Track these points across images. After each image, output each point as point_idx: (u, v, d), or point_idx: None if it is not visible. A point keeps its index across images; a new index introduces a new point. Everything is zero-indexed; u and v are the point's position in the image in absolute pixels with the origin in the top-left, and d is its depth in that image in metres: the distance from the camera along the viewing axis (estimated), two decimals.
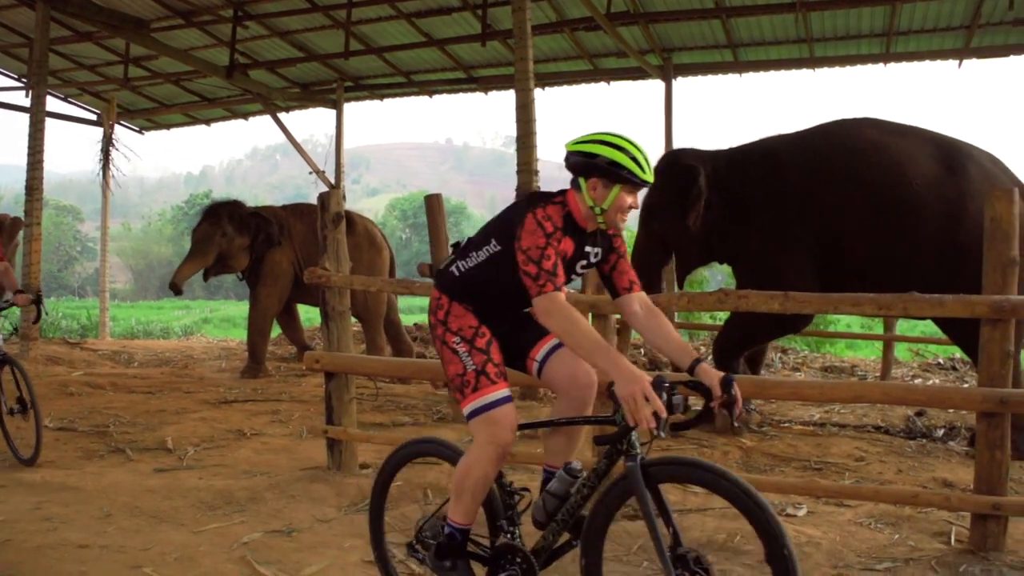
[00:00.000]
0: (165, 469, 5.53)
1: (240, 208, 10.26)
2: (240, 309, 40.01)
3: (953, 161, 6.38)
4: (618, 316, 5.64)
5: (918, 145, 6.51)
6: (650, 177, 2.92)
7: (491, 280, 3.11)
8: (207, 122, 18.73)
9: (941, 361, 11.58)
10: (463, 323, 3.11)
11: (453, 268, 3.20)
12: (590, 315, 5.10)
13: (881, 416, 7.64)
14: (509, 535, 3.11)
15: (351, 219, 10.08)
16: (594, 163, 2.89)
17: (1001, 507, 3.93)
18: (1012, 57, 13.49)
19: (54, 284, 49.34)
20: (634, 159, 2.87)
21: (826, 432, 7.00)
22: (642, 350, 11.41)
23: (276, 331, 14.67)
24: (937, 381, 10.06)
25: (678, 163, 7.12)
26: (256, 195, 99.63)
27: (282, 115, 17.13)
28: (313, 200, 6.85)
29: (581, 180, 2.95)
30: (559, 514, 3.00)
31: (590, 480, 2.97)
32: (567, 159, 2.98)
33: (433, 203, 6.98)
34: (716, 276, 18.27)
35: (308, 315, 13.08)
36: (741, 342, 6.94)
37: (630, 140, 2.92)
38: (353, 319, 10.46)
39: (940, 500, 4.26)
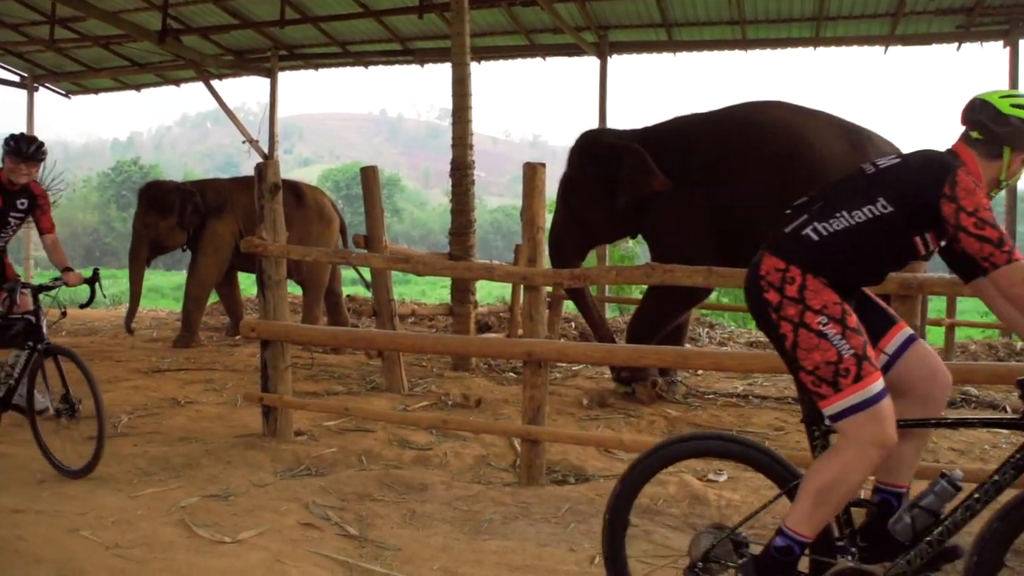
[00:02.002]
0: None
1: (157, 188, 10.16)
2: (168, 279, 39.40)
3: (858, 142, 6.66)
4: (549, 289, 5.81)
5: (824, 125, 6.78)
6: None
7: (865, 247, 2.64)
8: (137, 88, 18.30)
9: None
10: (826, 299, 2.59)
11: (809, 232, 2.68)
12: (521, 288, 5.24)
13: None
14: (850, 556, 2.65)
15: (301, 192, 10.07)
16: None
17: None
18: (934, 45, 13.97)
19: None
20: None
21: (748, 404, 7.27)
22: (573, 324, 11.62)
23: (212, 300, 14.57)
24: None
25: (601, 142, 7.30)
26: (186, 163, 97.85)
27: (215, 82, 16.86)
28: (246, 170, 6.86)
29: (1007, 149, 2.61)
30: (931, 535, 2.54)
31: (986, 494, 2.52)
32: (1002, 120, 2.59)
33: (369, 175, 7.03)
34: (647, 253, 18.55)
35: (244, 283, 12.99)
36: (659, 318, 7.11)
37: None
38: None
39: None
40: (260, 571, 3.36)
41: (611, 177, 7.00)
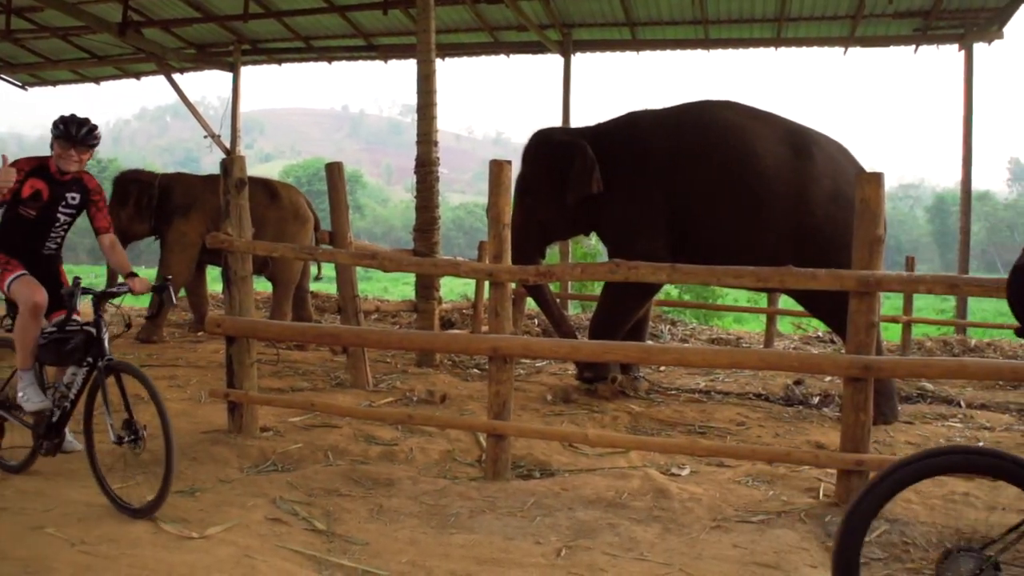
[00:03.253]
0: None
1: (119, 178, 10.11)
2: None
3: (801, 147, 6.78)
4: (514, 285, 5.84)
5: (772, 130, 6.90)
6: None
7: None
8: (96, 80, 18.07)
9: (820, 334, 12.20)
10: None
11: None
12: (486, 284, 5.27)
13: (762, 385, 8.06)
14: None
15: (277, 191, 10.00)
16: None
17: (864, 463, 4.28)
18: (892, 48, 14.24)
19: None
20: None
21: (710, 400, 7.36)
22: (535, 320, 11.69)
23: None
24: (816, 351, 10.63)
25: (552, 140, 7.38)
26: (144, 157, 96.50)
27: (176, 76, 16.65)
28: (206, 165, 6.79)
29: None
30: None
31: None
32: None
33: (334, 172, 7.02)
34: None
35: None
36: (617, 313, 7.18)
37: None
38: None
39: (810, 458, 4.61)
40: (228, 566, 3.36)
41: (562, 174, 7.09)
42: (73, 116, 4.36)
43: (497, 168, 4.88)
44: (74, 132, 4.29)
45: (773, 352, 7.07)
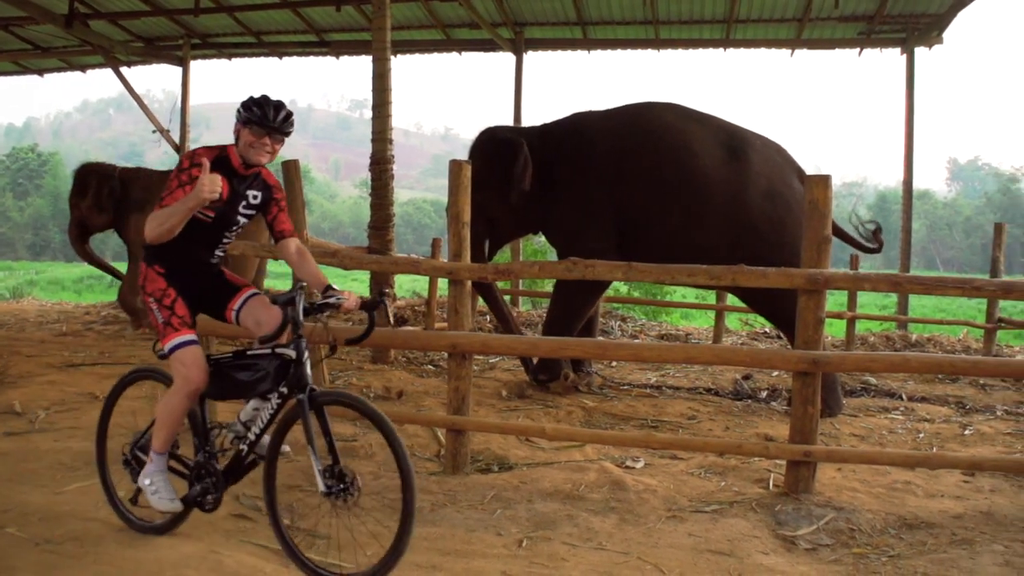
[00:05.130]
0: (16, 432, 5.41)
1: (80, 170, 10.02)
2: (68, 271, 38.27)
3: (737, 149, 6.97)
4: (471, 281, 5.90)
5: (710, 132, 7.07)
6: None
7: None
8: (40, 72, 17.76)
9: (767, 330, 12.45)
10: None
11: None
12: (439, 281, 5.34)
13: (712, 380, 8.23)
14: None
15: None
16: None
17: (811, 454, 4.44)
18: (837, 50, 14.58)
19: None
20: None
21: (662, 394, 7.51)
22: (487, 317, 11.76)
23: (114, 295, 14.18)
24: (763, 347, 10.85)
25: (496, 138, 7.47)
26: (87, 151, 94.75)
27: (122, 69, 16.43)
28: (152, 159, 6.76)
29: None
30: None
31: None
32: None
33: (291, 169, 7.00)
34: None
35: None
36: (571, 310, 7.30)
37: None
38: None
39: (760, 449, 4.75)
40: (195, 561, 3.39)
41: (506, 172, 7.19)
42: (267, 98, 3.67)
43: (457, 168, 4.96)
44: (272, 117, 3.60)
45: (725, 348, 7.25)
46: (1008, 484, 5.00)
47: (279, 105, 3.62)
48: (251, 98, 3.65)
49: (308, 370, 3.39)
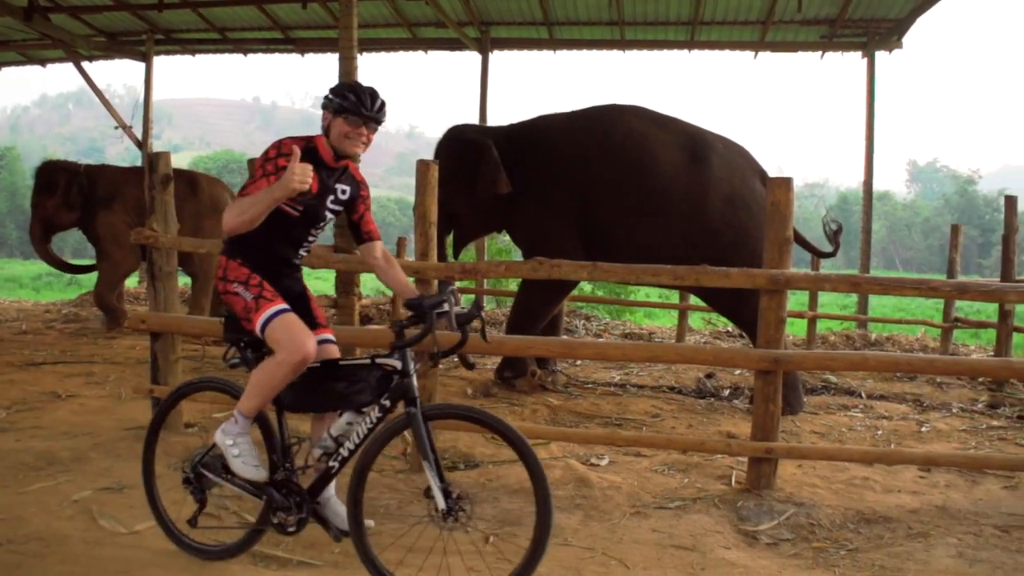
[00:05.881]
0: None
1: (46, 168, 9.87)
2: (26, 268, 37.62)
3: (698, 152, 7.05)
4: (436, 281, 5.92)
5: (672, 136, 7.14)
6: None
7: None
8: None
9: (729, 330, 12.59)
10: None
11: None
12: (413, 280, 5.35)
13: (675, 378, 8.32)
14: None
15: (198, 183, 9.85)
16: None
17: (772, 451, 4.53)
18: (800, 53, 14.77)
19: None
20: None
21: (626, 393, 7.58)
22: None
23: (76, 292, 14.05)
24: (725, 346, 10.97)
25: (463, 137, 7.52)
26: (45, 146, 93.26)
27: (84, 64, 16.21)
28: (112, 155, 6.69)
29: None
30: None
31: None
32: None
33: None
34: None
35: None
36: (535, 310, 7.36)
37: None
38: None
39: (723, 447, 4.83)
40: (163, 559, 3.40)
41: (471, 172, 7.24)
42: (360, 84, 3.42)
43: (424, 167, 4.99)
44: (369, 105, 3.32)
45: (689, 346, 7.34)
46: (962, 479, 5.14)
47: (373, 92, 3.35)
48: (343, 85, 3.40)
49: (415, 381, 3.20)
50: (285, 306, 3.30)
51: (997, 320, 8.69)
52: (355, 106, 3.28)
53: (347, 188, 3.50)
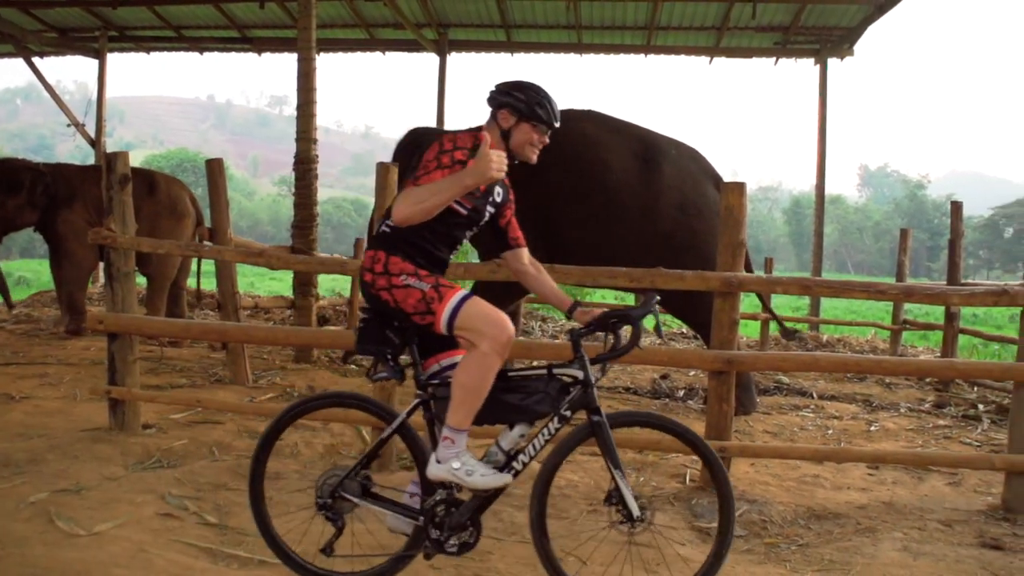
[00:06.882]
0: None
1: (6, 166, 9.68)
2: None
3: (651, 159, 7.15)
4: None
5: (625, 142, 7.22)
6: None
7: None
8: None
9: (684, 331, 12.76)
10: None
11: None
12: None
13: (631, 379, 8.43)
14: None
15: (155, 183, 9.73)
16: None
17: (726, 450, 4.63)
18: (754, 59, 15.00)
19: None
20: None
21: None
22: None
23: (27, 292, 13.89)
24: (680, 347, 11.12)
25: (424, 139, 7.56)
26: None
27: (34, 60, 15.94)
28: (62, 152, 6.60)
29: None
30: None
31: None
32: None
33: (214, 167, 7.00)
34: None
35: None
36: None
37: None
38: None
39: (677, 446, 4.92)
40: (124, 560, 3.40)
41: None
42: (547, 92, 3.28)
43: (384, 170, 5.03)
44: (555, 114, 3.27)
45: (644, 348, 7.45)
46: (908, 476, 5.30)
47: (553, 100, 3.27)
48: (534, 92, 3.26)
49: (595, 390, 3.15)
50: (466, 292, 3.09)
51: (944, 322, 8.92)
52: (550, 118, 3.24)
53: (502, 191, 3.42)
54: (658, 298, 3.25)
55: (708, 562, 3.22)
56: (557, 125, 3.27)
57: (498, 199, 3.39)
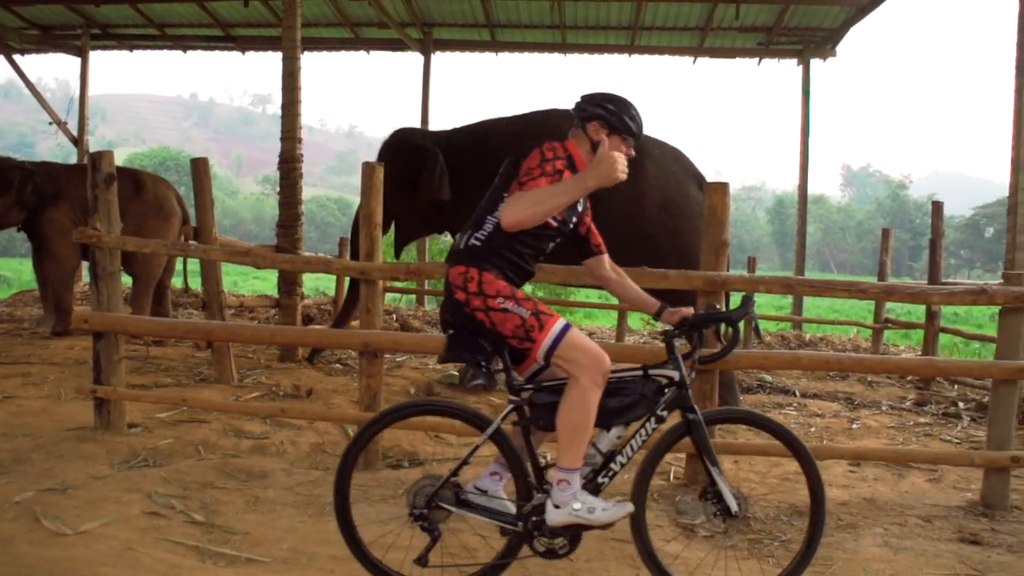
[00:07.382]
0: None
1: None
2: None
3: (634, 160, 7.15)
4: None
5: None
6: None
7: None
8: None
9: (668, 330, 12.81)
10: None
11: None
12: (347, 280, 5.40)
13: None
14: None
15: (142, 183, 9.68)
16: None
17: None
18: (738, 59, 15.09)
19: None
20: None
21: None
22: (394, 316, 11.83)
23: (8, 292, 13.82)
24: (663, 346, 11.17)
25: (407, 141, 7.63)
26: None
27: (15, 57, 15.85)
28: (43, 150, 6.57)
29: None
30: None
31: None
32: None
33: (200, 167, 7.00)
34: None
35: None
36: None
37: None
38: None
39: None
40: (111, 559, 3.41)
41: (414, 177, 7.34)
42: (634, 106, 3.32)
43: (370, 170, 5.04)
44: (641, 124, 3.33)
45: (628, 346, 7.44)
46: (889, 473, 5.37)
47: (639, 112, 3.31)
48: (624, 105, 3.30)
49: (686, 389, 3.22)
50: (566, 322, 3.11)
51: (925, 321, 9.01)
52: (639, 130, 3.30)
53: (581, 200, 3.41)
54: (754, 300, 3.28)
55: (796, 560, 3.32)
56: (640, 130, 3.30)
57: (579, 210, 3.41)
